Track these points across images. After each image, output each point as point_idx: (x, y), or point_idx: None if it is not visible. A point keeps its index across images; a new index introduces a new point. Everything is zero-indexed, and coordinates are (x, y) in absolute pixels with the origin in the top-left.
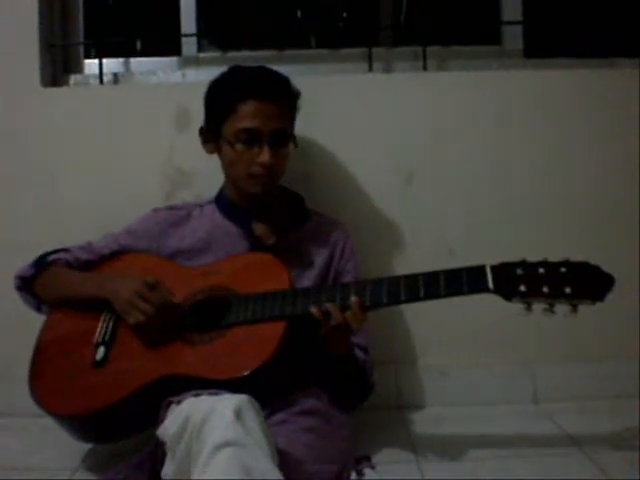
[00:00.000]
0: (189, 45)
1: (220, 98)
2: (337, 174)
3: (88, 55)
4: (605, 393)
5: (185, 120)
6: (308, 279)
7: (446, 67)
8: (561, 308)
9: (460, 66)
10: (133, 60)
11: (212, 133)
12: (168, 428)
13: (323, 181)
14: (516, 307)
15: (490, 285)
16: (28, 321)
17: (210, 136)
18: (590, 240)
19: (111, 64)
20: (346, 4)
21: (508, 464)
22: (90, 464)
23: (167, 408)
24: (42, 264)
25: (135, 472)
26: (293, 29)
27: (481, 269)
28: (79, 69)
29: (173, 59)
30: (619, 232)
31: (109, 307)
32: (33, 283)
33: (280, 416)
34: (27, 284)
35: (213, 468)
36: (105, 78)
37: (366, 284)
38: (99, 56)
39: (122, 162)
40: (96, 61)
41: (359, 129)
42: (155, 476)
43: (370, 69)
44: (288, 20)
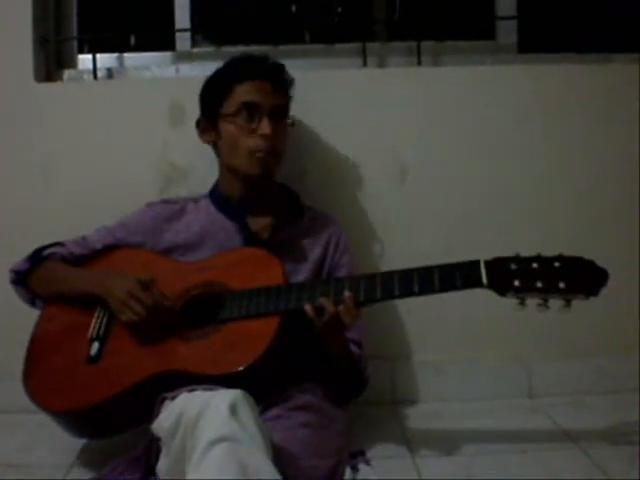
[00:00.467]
0: (183, 40)
1: (217, 82)
2: (331, 169)
3: (82, 50)
4: (600, 388)
5: (179, 115)
6: (302, 274)
7: (440, 62)
8: (555, 303)
9: (454, 61)
10: (127, 55)
11: (210, 120)
12: (162, 423)
13: (317, 176)
14: (511, 302)
15: (484, 280)
16: (23, 318)
17: (208, 124)
18: (586, 235)
19: (105, 59)
20: None
21: (503, 459)
22: (85, 460)
23: (162, 403)
24: (37, 258)
25: (130, 467)
26: (287, 24)
27: (475, 264)
28: (73, 64)
29: (167, 54)
30: (616, 228)
31: (103, 303)
32: (28, 277)
33: (275, 411)
34: (22, 278)
35: (208, 463)
36: (99, 73)
37: (360, 279)
38: (93, 51)
39: (116, 157)
40: (90, 56)
41: (353, 124)
42: (150, 471)
43: (364, 64)
44: (282, 15)
